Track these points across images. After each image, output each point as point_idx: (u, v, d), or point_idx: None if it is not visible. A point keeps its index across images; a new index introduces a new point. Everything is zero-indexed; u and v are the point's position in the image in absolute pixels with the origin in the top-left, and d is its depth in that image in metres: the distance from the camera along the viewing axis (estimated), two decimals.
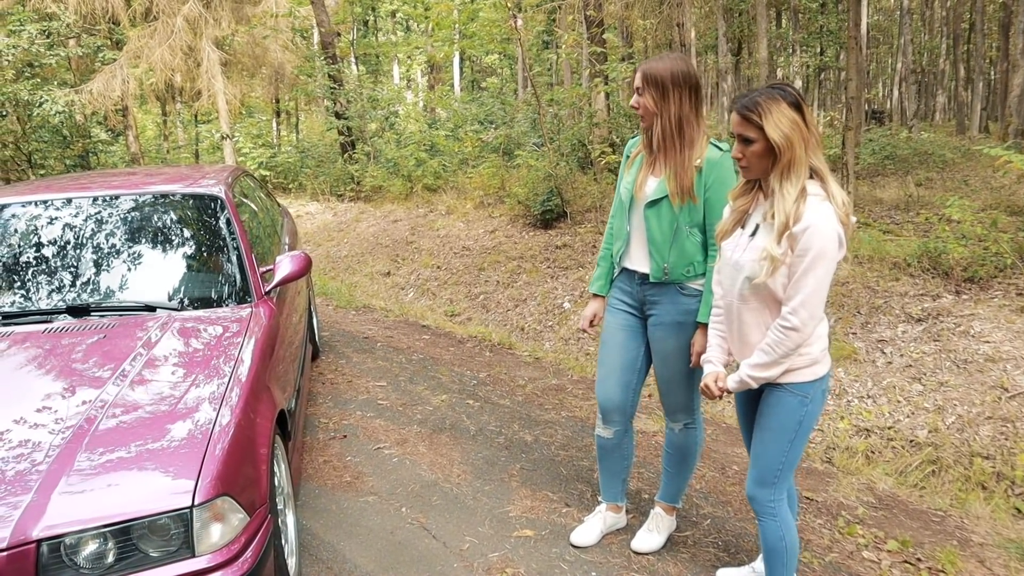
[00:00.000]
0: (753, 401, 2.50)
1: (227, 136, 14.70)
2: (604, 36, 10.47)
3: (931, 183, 9.36)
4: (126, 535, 1.99)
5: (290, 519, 2.87)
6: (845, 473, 3.96)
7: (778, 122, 2.15)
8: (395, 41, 27.03)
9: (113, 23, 14.08)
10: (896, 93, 25.99)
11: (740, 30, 20.55)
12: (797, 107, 2.17)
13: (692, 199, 2.64)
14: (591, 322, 3.07)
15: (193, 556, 2.04)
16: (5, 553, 1.88)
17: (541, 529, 3.25)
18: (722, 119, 17.35)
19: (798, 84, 19.58)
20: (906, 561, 3.08)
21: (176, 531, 2.03)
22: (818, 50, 22.86)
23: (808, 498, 3.60)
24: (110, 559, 1.98)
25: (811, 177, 2.19)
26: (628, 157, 2.92)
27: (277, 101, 20.33)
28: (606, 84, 9.85)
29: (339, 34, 18.90)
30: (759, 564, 2.82)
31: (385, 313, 7.50)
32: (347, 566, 2.99)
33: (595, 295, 3.07)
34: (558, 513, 3.39)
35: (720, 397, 2.46)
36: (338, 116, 14.95)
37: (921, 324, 5.15)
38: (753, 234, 2.28)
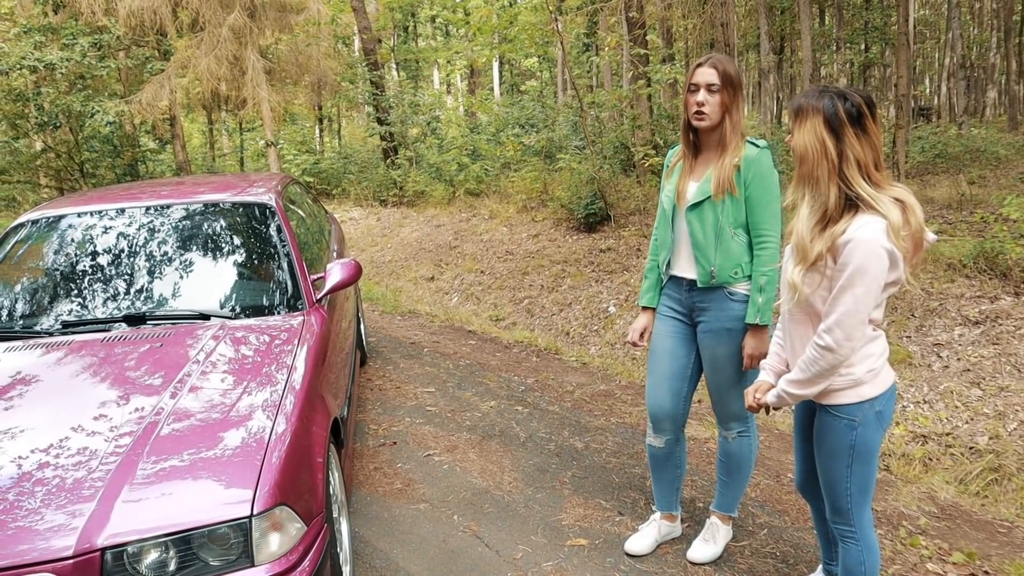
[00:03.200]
0: (811, 418, 2.40)
1: (271, 143, 14.90)
2: (647, 37, 10.38)
3: (984, 181, 9.10)
4: (187, 544, 2.01)
5: (344, 527, 2.88)
6: (904, 481, 3.86)
7: (805, 133, 2.06)
8: (435, 46, 27.19)
9: (161, 34, 14.37)
10: (944, 89, 25.39)
11: (782, 28, 20.25)
12: (833, 126, 2.02)
13: (732, 191, 2.64)
14: (641, 335, 3.04)
15: (252, 565, 2.05)
16: (71, 561, 1.91)
17: (595, 538, 3.22)
18: (765, 119, 17.11)
19: (842, 82, 19.19)
20: (972, 574, 2.98)
21: (235, 540, 2.04)
22: (862, 47, 22.42)
23: None
24: (171, 567, 2.00)
25: (851, 201, 2.03)
26: (668, 166, 2.91)
27: (320, 108, 20.56)
28: (649, 86, 9.76)
29: (380, 40, 19.04)
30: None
31: (430, 318, 7.53)
32: (400, 574, 2.98)
33: (644, 308, 3.04)
34: (611, 522, 3.35)
35: (758, 410, 2.39)
36: (380, 122, 15.07)
37: (979, 327, 5.01)
38: None
